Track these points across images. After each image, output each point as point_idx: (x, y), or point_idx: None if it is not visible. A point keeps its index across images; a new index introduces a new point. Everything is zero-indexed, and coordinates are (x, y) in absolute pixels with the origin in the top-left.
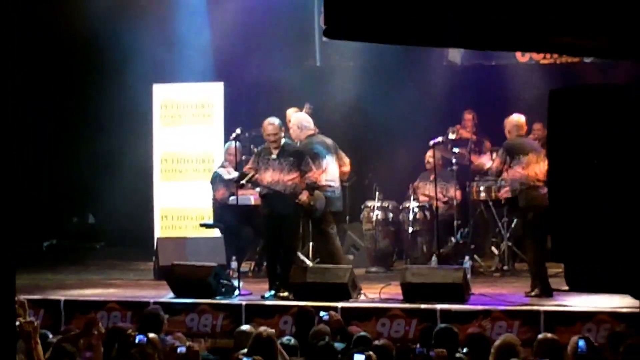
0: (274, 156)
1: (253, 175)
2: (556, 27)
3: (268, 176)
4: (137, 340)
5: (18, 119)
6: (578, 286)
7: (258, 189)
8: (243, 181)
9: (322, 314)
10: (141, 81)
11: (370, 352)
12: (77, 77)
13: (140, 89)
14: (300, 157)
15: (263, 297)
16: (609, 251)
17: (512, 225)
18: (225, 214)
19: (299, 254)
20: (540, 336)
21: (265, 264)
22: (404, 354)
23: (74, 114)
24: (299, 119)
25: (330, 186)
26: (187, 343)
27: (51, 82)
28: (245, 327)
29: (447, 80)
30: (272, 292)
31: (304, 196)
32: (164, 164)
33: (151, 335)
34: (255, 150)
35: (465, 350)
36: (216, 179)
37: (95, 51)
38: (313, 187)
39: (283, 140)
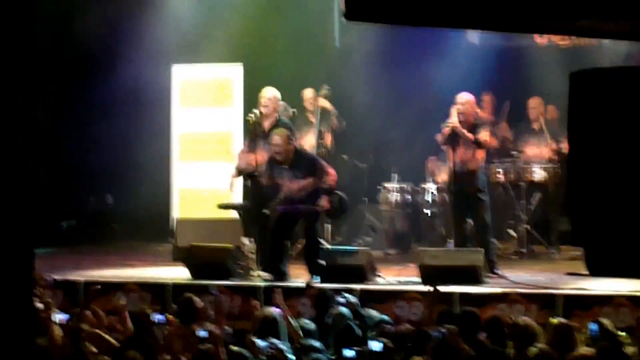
0: (285, 166)
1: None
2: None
3: (283, 185)
4: (155, 320)
5: (36, 99)
6: (599, 271)
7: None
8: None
9: (340, 299)
10: (160, 62)
11: (385, 340)
12: (96, 56)
13: (159, 69)
14: (313, 166)
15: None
16: (630, 235)
17: (531, 207)
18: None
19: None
20: (554, 321)
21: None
22: (420, 339)
23: (92, 94)
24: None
25: None
26: (210, 327)
27: (70, 62)
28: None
29: (466, 62)
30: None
31: (324, 201)
32: (182, 145)
33: (170, 317)
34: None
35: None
36: None
37: (114, 31)
38: (331, 191)
39: (293, 152)
